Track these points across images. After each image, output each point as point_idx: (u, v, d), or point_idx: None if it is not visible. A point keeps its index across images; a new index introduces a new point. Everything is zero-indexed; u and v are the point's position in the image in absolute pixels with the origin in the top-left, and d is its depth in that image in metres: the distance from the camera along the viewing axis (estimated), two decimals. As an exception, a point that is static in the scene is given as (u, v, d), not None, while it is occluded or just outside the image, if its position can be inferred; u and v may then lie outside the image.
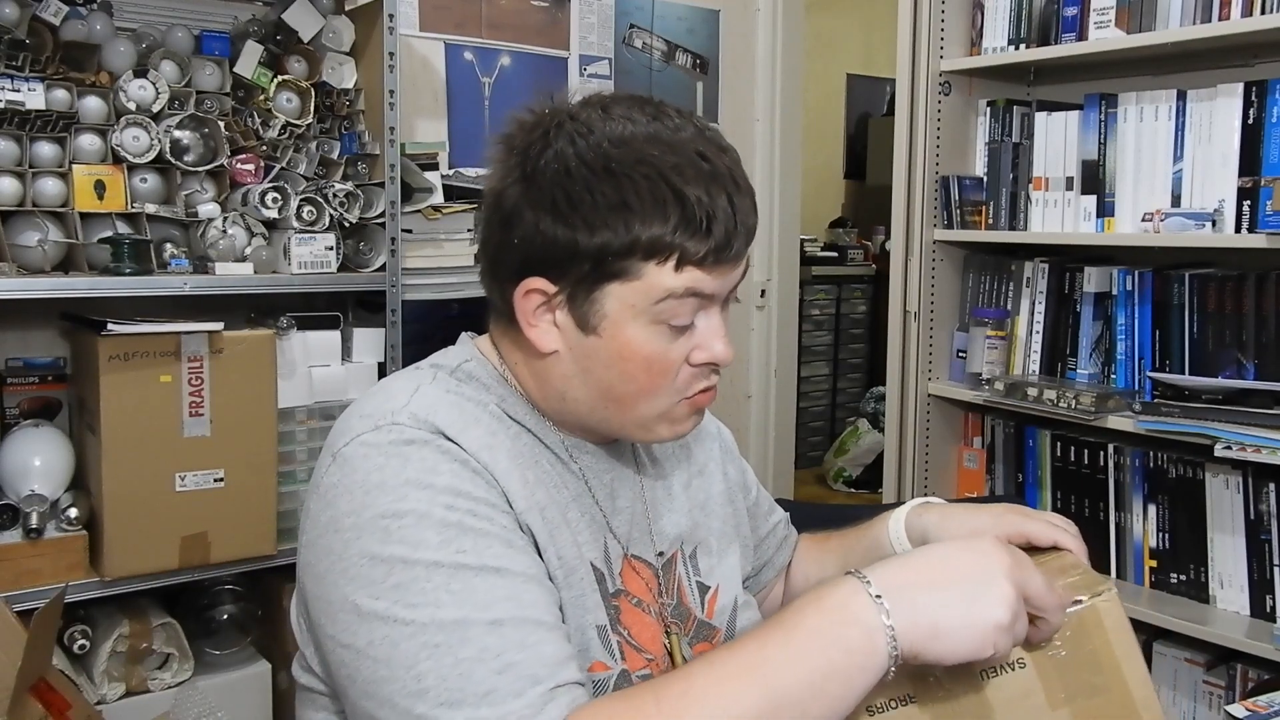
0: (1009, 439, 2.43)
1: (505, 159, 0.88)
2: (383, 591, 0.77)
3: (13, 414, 1.98)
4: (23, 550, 1.76)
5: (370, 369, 2.13)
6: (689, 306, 0.86)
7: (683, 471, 1.07)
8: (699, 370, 0.90)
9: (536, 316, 0.88)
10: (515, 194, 0.86)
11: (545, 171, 0.84)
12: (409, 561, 0.77)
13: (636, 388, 0.88)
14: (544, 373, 0.92)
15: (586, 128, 0.85)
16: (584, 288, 0.85)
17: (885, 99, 5.41)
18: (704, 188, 0.83)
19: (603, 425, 0.94)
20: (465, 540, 0.79)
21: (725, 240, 0.84)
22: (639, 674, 0.91)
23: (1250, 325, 2.00)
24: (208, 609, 2.08)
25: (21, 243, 1.82)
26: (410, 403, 0.86)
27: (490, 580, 0.78)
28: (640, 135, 0.84)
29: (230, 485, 1.87)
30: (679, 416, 0.92)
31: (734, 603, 1.04)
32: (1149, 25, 2.09)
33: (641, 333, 0.86)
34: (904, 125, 2.48)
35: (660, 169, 0.82)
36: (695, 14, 3.14)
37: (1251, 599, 1.99)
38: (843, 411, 4.93)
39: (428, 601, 0.76)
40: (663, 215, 0.82)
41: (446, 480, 0.81)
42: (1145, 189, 2.12)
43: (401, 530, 0.78)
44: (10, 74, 1.80)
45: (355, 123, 2.21)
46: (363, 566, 0.79)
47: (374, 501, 0.80)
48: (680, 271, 0.84)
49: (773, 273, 3.38)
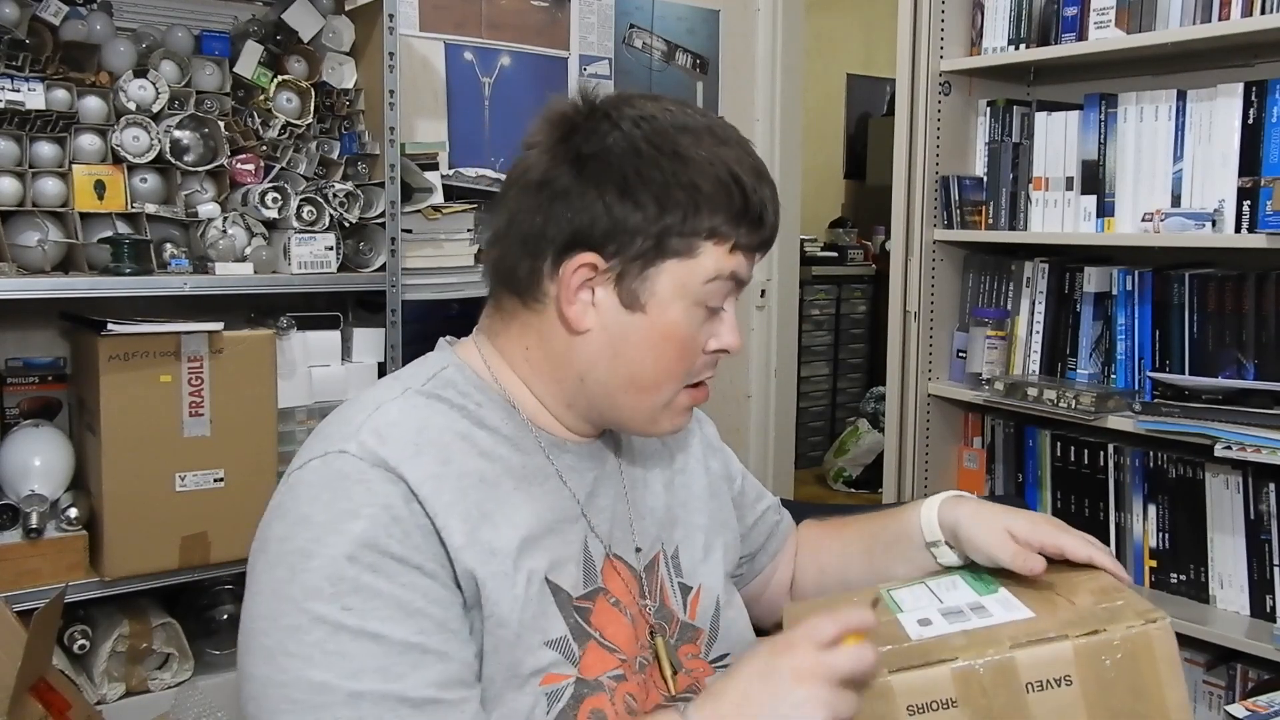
0: (1009, 439, 2.43)
1: (556, 137, 0.90)
2: (272, 630, 0.80)
3: (13, 414, 1.98)
4: (23, 550, 1.76)
5: (370, 369, 2.13)
6: (726, 289, 0.91)
7: (664, 471, 1.07)
8: (708, 359, 0.94)
9: (577, 294, 0.89)
10: (570, 172, 0.88)
11: (612, 150, 0.87)
12: (300, 608, 0.79)
13: (663, 369, 0.90)
14: (565, 355, 0.92)
15: (649, 114, 0.89)
16: (639, 264, 0.88)
17: (885, 99, 5.41)
18: (757, 183, 0.89)
19: (609, 413, 0.94)
20: (354, 598, 0.79)
21: (771, 233, 0.92)
22: (610, 674, 0.90)
23: (1250, 325, 2.00)
24: (208, 609, 2.08)
25: (21, 243, 1.82)
26: (364, 427, 0.86)
27: (365, 647, 0.78)
28: (699, 126, 0.89)
29: (230, 485, 1.87)
30: (680, 408, 0.94)
31: (716, 603, 1.04)
32: (1149, 25, 2.09)
33: (684, 313, 0.89)
34: (904, 125, 2.48)
35: (724, 159, 0.88)
36: (695, 14, 3.14)
37: (1251, 599, 1.99)
38: (843, 411, 4.93)
39: (303, 654, 0.78)
40: (729, 202, 0.88)
41: (360, 527, 0.80)
42: (1145, 189, 2.12)
43: (304, 573, 0.80)
44: (10, 74, 1.81)
45: (355, 123, 2.21)
46: (267, 598, 0.82)
47: (297, 534, 0.81)
48: (732, 255, 0.89)
49: (773, 273, 3.38)
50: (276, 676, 0.79)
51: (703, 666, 1.00)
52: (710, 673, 1.01)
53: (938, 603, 0.95)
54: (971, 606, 0.94)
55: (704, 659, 1.01)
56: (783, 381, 3.46)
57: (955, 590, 0.97)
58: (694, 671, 0.99)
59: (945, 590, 0.98)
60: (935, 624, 0.91)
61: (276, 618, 0.80)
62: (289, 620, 0.79)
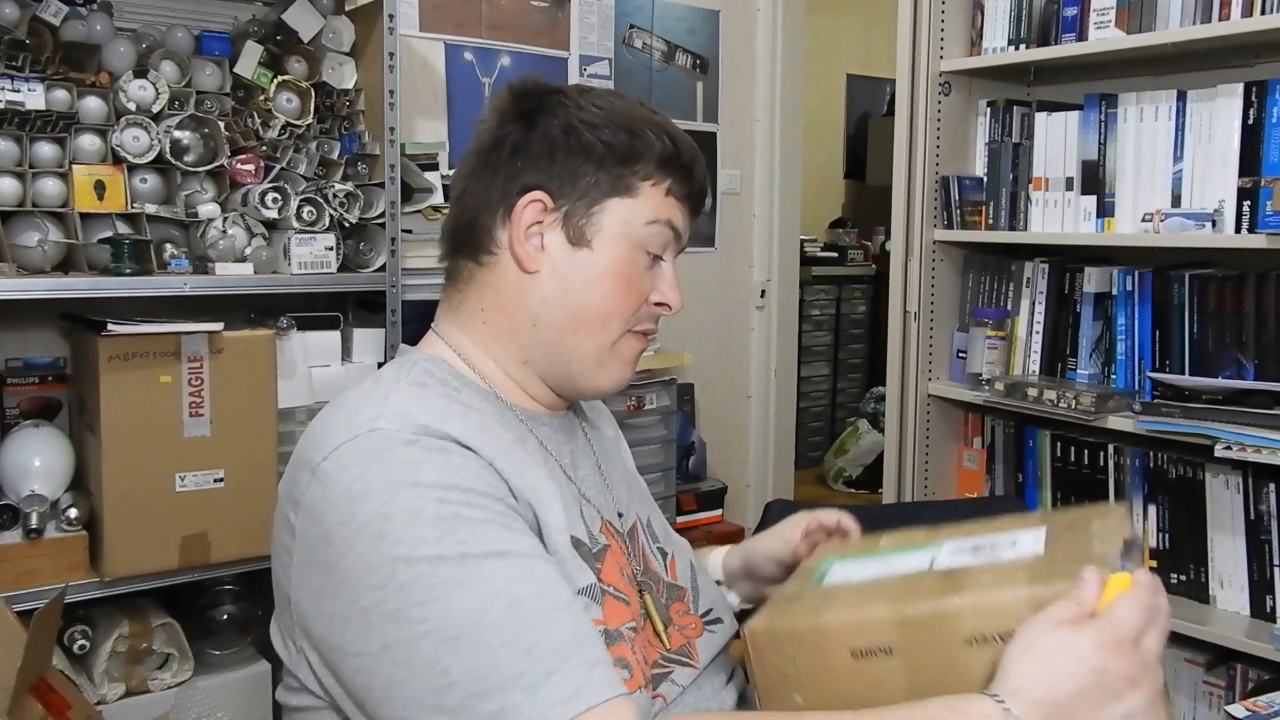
0: (1009, 439, 2.43)
1: (513, 101, 1.00)
2: (389, 594, 0.77)
3: (13, 414, 1.97)
4: (23, 550, 1.75)
5: (370, 369, 2.13)
6: (665, 237, 0.99)
7: (617, 447, 1.16)
8: (652, 310, 1.01)
9: (528, 235, 0.96)
10: (521, 129, 0.97)
11: (559, 107, 0.97)
12: (410, 560, 0.77)
13: (610, 306, 0.97)
14: (519, 300, 0.98)
15: (587, 87, 1.01)
16: (585, 203, 0.96)
17: (885, 99, 5.41)
18: (686, 144, 1.01)
19: (560, 362, 0.98)
20: (464, 530, 0.79)
21: (699, 190, 1.02)
22: (627, 626, 0.92)
23: (1250, 325, 2.00)
24: (208, 609, 2.08)
25: (21, 243, 1.82)
26: (386, 408, 0.87)
27: (497, 564, 0.78)
28: (635, 102, 1.02)
29: (230, 485, 1.87)
30: (625, 355, 1.00)
31: (690, 565, 1.12)
32: (1149, 25, 2.09)
33: (627, 251, 0.97)
34: (904, 125, 2.48)
35: (659, 124, 0.99)
36: (695, 14, 3.14)
37: (1251, 599, 1.99)
38: (843, 411, 4.93)
39: (437, 596, 0.76)
40: (662, 151, 0.98)
41: (433, 476, 0.81)
42: (1145, 189, 2.12)
43: (395, 531, 0.78)
44: (10, 74, 1.80)
45: (355, 123, 2.20)
46: (363, 574, 0.78)
47: (360, 509, 0.80)
48: (666, 198, 0.99)
49: (773, 273, 3.38)
50: (417, 629, 0.76)
51: (694, 622, 1.05)
52: (701, 628, 1.05)
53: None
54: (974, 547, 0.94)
55: (695, 614, 1.06)
56: (783, 381, 3.46)
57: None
58: (685, 628, 1.03)
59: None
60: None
61: (385, 583, 0.77)
62: (403, 577, 0.77)
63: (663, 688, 0.95)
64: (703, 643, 1.03)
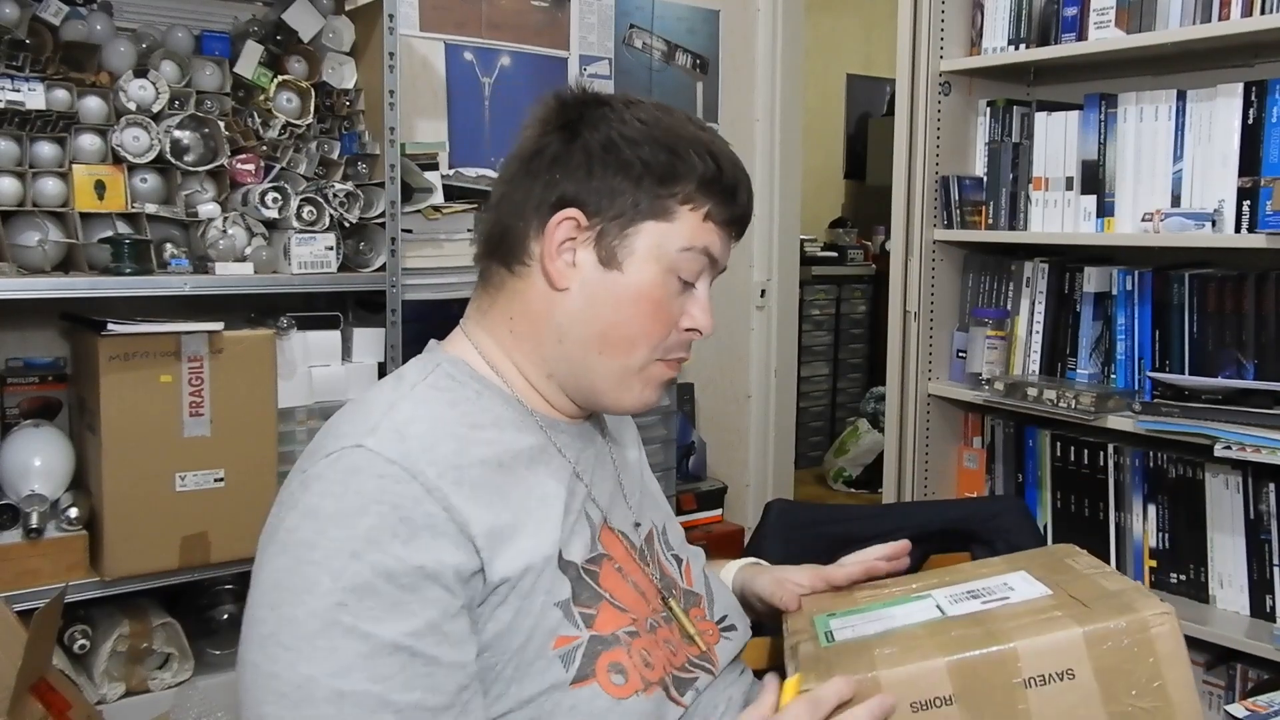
0: (1009, 439, 2.43)
1: (556, 110, 0.98)
2: (270, 618, 0.81)
3: (13, 414, 1.97)
4: (23, 550, 1.76)
5: (370, 369, 2.13)
6: (699, 264, 0.97)
7: (637, 458, 1.15)
8: (683, 337, 0.99)
9: (560, 251, 0.95)
10: (561, 139, 0.95)
11: (602, 120, 0.95)
12: (298, 599, 0.80)
13: (637, 330, 0.95)
14: (547, 314, 0.96)
15: (634, 99, 0.99)
16: (620, 223, 0.94)
17: (885, 99, 5.41)
18: (732, 165, 0.98)
19: (585, 378, 0.97)
20: (351, 595, 0.79)
21: (741, 213, 0.99)
22: (625, 630, 0.92)
23: (1250, 325, 2.00)
24: (208, 609, 2.08)
25: (21, 243, 1.82)
26: (383, 422, 0.87)
27: (354, 646, 0.78)
28: (683, 117, 0.99)
29: (230, 485, 1.87)
30: (653, 378, 0.99)
31: (704, 572, 1.12)
32: (1149, 25, 2.09)
33: (658, 276, 0.95)
34: (904, 125, 2.48)
35: (700, 138, 0.97)
36: (695, 14, 3.14)
37: (1251, 599, 1.99)
38: (843, 411, 4.93)
39: (294, 647, 0.79)
40: (704, 173, 0.95)
41: (367, 523, 0.81)
42: (1145, 189, 2.12)
43: (307, 565, 0.80)
44: (10, 74, 1.81)
45: (355, 123, 2.21)
46: (269, 585, 0.82)
47: (304, 525, 0.82)
48: (704, 224, 0.96)
49: (773, 273, 3.38)
50: (266, 665, 0.80)
51: (710, 628, 1.06)
52: (718, 634, 1.07)
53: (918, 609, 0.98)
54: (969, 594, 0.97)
55: (711, 620, 1.07)
56: (783, 381, 3.46)
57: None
58: (704, 634, 1.04)
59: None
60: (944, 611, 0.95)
61: (275, 606, 0.81)
62: (287, 610, 0.80)
63: (687, 695, 0.96)
64: (720, 649, 1.04)
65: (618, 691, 0.88)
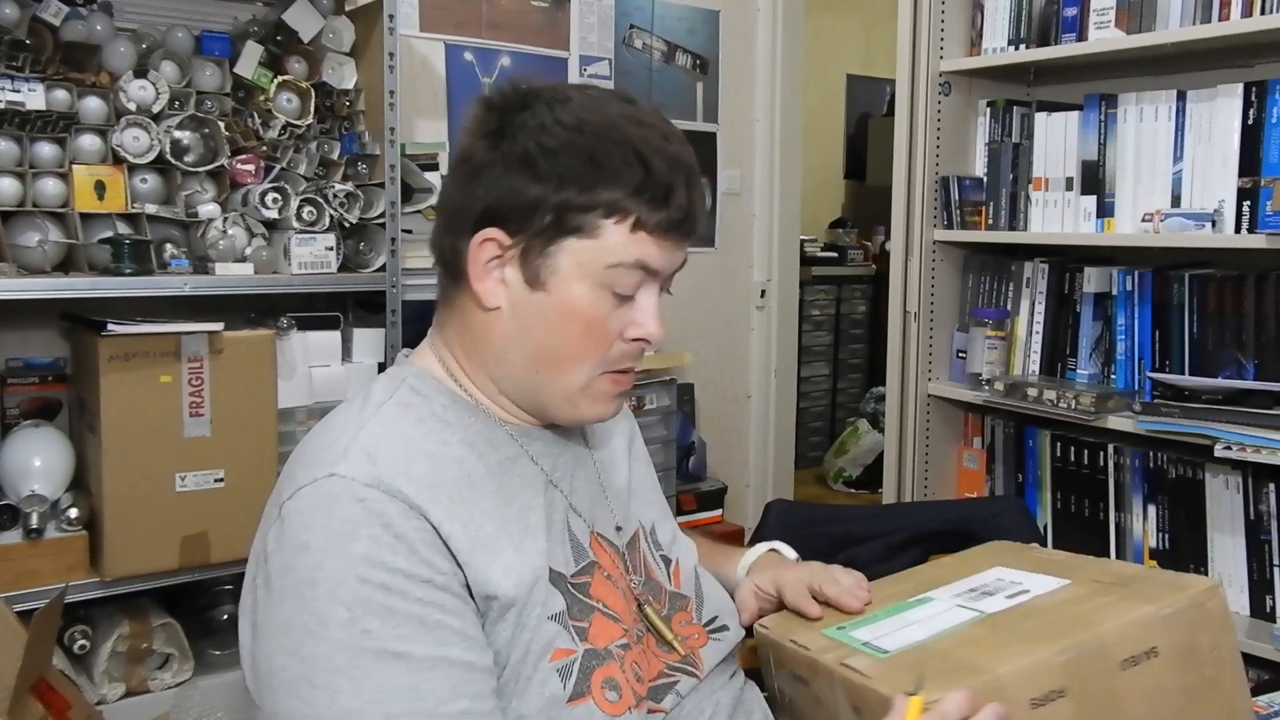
0: (1009, 439, 2.43)
1: (481, 117, 0.92)
2: (291, 663, 0.79)
3: (13, 414, 1.98)
4: (23, 550, 1.75)
5: (370, 369, 2.13)
6: (635, 277, 0.90)
7: (624, 453, 1.11)
8: (629, 348, 0.93)
9: (487, 270, 0.91)
10: (485, 148, 0.90)
11: (521, 128, 0.89)
12: (317, 636, 0.78)
13: (571, 350, 0.91)
14: (484, 334, 0.93)
15: (565, 96, 0.91)
16: (541, 241, 0.88)
17: (885, 99, 5.40)
18: (667, 164, 0.89)
19: (531, 396, 0.94)
20: (371, 619, 0.78)
21: (680, 216, 0.89)
22: (617, 644, 0.91)
23: (1250, 325, 2.00)
24: (208, 609, 2.08)
25: (22, 243, 1.82)
26: (352, 447, 0.85)
27: (391, 669, 0.78)
28: (614, 110, 0.90)
29: (230, 485, 1.87)
30: (602, 393, 0.94)
31: (695, 571, 1.08)
32: (1149, 25, 2.09)
33: (587, 294, 0.89)
34: (904, 125, 2.48)
35: (630, 138, 0.88)
36: (695, 14, 3.14)
37: (1251, 599, 1.99)
38: (843, 411, 4.92)
39: (328, 684, 0.77)
40: (628, 178, 0.87)
41: (363, 547, 0.80)
42: (1145, 189, 2.12)
43: (315, 601, 0.79)
44: (10, 74, 1.81)
45: (355, 123, 2.21)
46: (280, 631, 0.80)
47: (297, 565, 0.80)
48: (634, 234, 0.88)
49: (773, 273, 3.38)
50: (303, 710, 0.78)
51: (697, 631, 1.03)
52: (705, 637, 1.04)
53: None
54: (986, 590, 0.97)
55: (698, 623, 1.04)
56: (783, 381, 3.46)
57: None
58: (689, 639, 1.02)
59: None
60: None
61: (294, 650, 0.79)
62: (308, 650, 0.78)
63: (666, 700, 0.95)
64: (706, 651, 1.02)
65: (612, 709, 0.87)
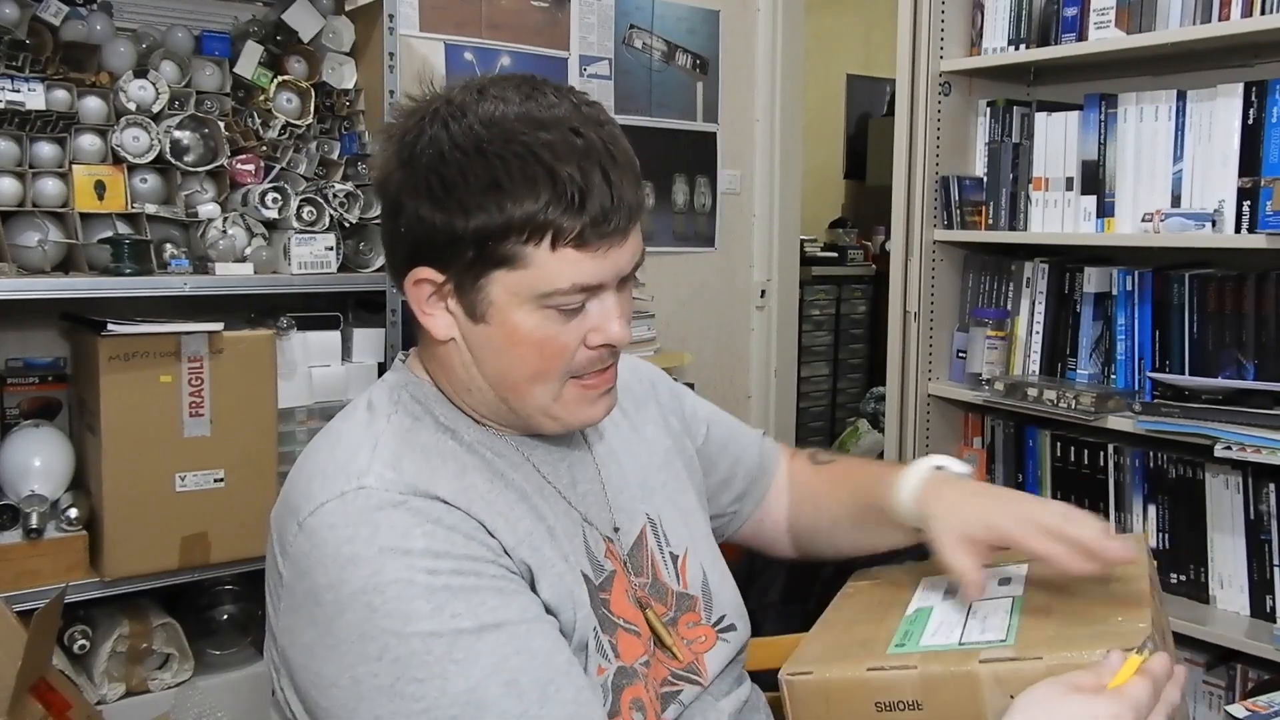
0: (1009, 439, 2.43)
1: (386, 147, 0.87)
2: (381, 668, 0.76)
3: (13, 414, 1.97)
4: (23, 550, 1.75)
5: (370, 369, 2.13)
6: (576, 298, 0.85)
7: (630, 442, 1.06)
8: (596, 354, 0.89)
9: (430, 305, 0.87)
10: (396, 181, 0.85)
11: (421, 157, 0.83)
12: (403, 635, 0.76)
13: (531, 371, 0.87)
14: (446, 362, 0.91)
15: (460, 110, 0.83)
16: (470, 275, 0.84)
17: (885, 99, 5.40)
18: (576, 163, 0.81)
19: (510, 415, 0.92)
20: (457, 603, 0.77)
21: (601, 215, 0.82)
22: (640, 661, 0.90)
23: (1250, 325, 2.00)
24: (208, 609, 2.08)
25: (21, 243, 1.82)
26: (374, 461, 0.83)
27: (492, 639, 0.77)
28: (512, 115, 0.83)
29: (230, 485, 1.87)
30: (578, 399, 0.90)
31: (702, 568, 1.04)
32: (1149, 25, 2.09)
33: (530, 318, 0.85)
34: (904, 125, 2.48)
35: (531, 147, 0.81)
36: (695, 14, 3.14)
37: (1251, 599, 1.99)
38: (843, 411, 4.92)
39: (433, 675, 0.75)
40: (534, 193, 0.80)
41: (422, 543, 0.79)
42: (1145, 189, 2.12)
43: (386, 604, 0.76)
44: (10, 74, 1.80)
45: (355, 123, 2.21)
46: (355, 643, 0.77)
47: (350, 576, 0.78)
48: (557, 251, 0.82)
49: (773, 273, 3.38)
50: (411, 706, 0.75)
51: (705, 633, 1.01)
52: (713, 639, 1.00)
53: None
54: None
55: (707, 624, 1.02)
56: (783, 381, 3.46)
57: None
58: (695, 642, 0.99)
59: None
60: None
61: (378, 656, 0.76)
62: (397, 651, 0.76)
63: (669, 709, 0.94)
64: (712, 656, 1.00)
65: None
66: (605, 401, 0.93)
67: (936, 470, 1.04)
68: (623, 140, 0.86)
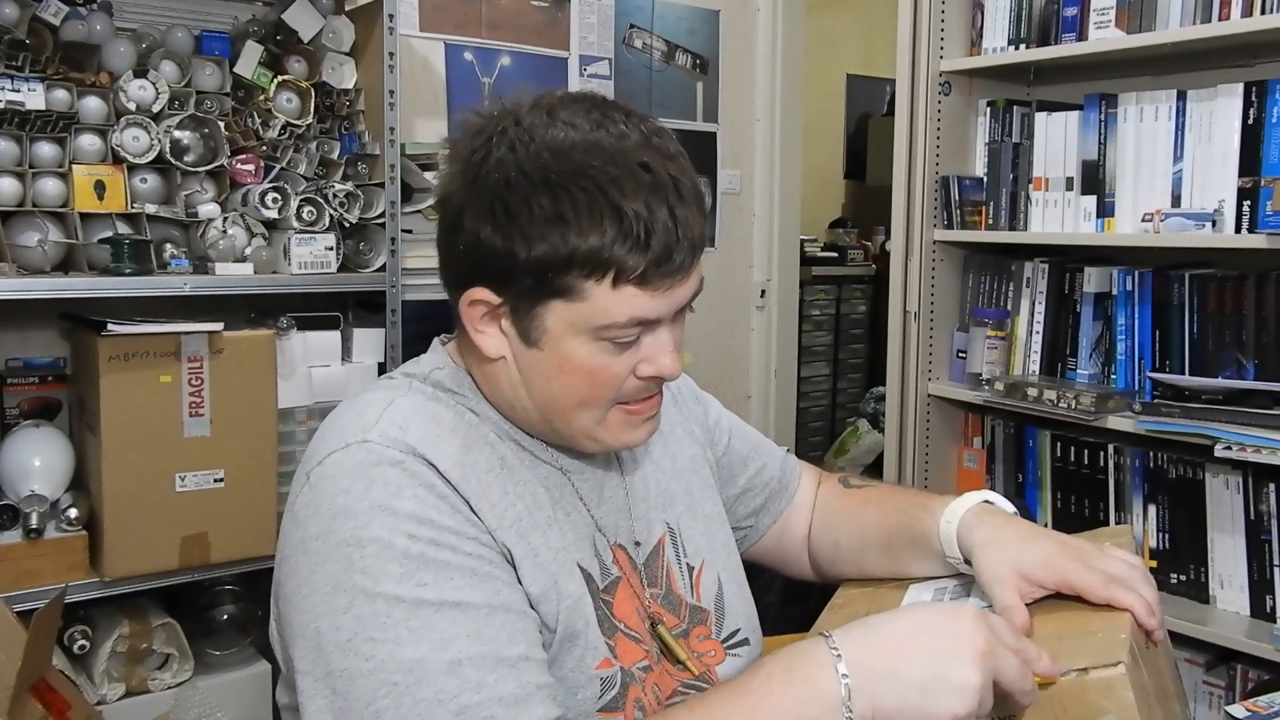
0: (1009, 439, 2.43)
1: (451, 164, 0.87)
2: (344, 622, 0.78)
3: (13, 414, 1.98)
4: (23, 550, 1.76)
5: (370, 369, 2.13)
6: (632, 332, 0.85)
7: (655, 450, 1.06)
8: (644, 383, 0.89)
9: (483, 324, 0.88)
10: (459, 201, 0.85)
11: (487, 180, 0.83)
12: (370, 594, 0.77)
13: (579, 399, 0.88)
14: (493, 378, 0.92)
15: (529, 135, 0.83)
16: (526, 302, 0.84)
17: (885, 99, 5.40)
18: (643, 200, 0.81)
19: (553, 434, 0.93)
20: (426, 573, 0.78)
21: (665, 253, 0.82)
22: (639, 665, 0.90)
23: (1250, 325, 2.00)
24: (208, 609, 2.08)
25: (21, 243, 1.82)
26: (382, 419, 0.85)
27: (450, 616, 0.78)
28: (581, 144, 0.82)
29: (230, 485, 1.87)
30: (622, 424, 0.91)
31: (718, 580, 1.04)
32: (1149, 25, 2.09)
33: (583, 348, 0.85)
34: (904, 125, 2.48)
35: (598, 181, 0.80)
36: (695, 14, 3.14)
37: (1251, 599, 1.99)
38: (843, 411, 4.92)
39: (387, 638, 0.76)
40: (599, 229, 0.80)
41: (410, 506, 0.80)
42: (1145, 189, 2.12)
43: (364, 560, 0.78)
44: (10, 74, 1.80)
45: (355, 123, 2.20)
46: (326, 594, 0.79)
47: (339, 526, 0.79)
48: (618, 289, 0.82)
49: (773, 273, 3.38)
50: (362, 665, 0.76)
51: (715, 647, 1.01)
52: (723, 654, 1.01)
53: None
54: None
55: (716, 639, 1.02)
56: (783, 381, 3.46)
57: None
58: (705, 655, 0.99)
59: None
60: None
61: (345, 609, 0.78)
62: (362, 609, 0.77)
63: None
64: (723, 669, 0.99)
65: None
66: (649, 426, 0.94)
67: (985, 504, 1.02)
68: (691, 173, 0.85)
